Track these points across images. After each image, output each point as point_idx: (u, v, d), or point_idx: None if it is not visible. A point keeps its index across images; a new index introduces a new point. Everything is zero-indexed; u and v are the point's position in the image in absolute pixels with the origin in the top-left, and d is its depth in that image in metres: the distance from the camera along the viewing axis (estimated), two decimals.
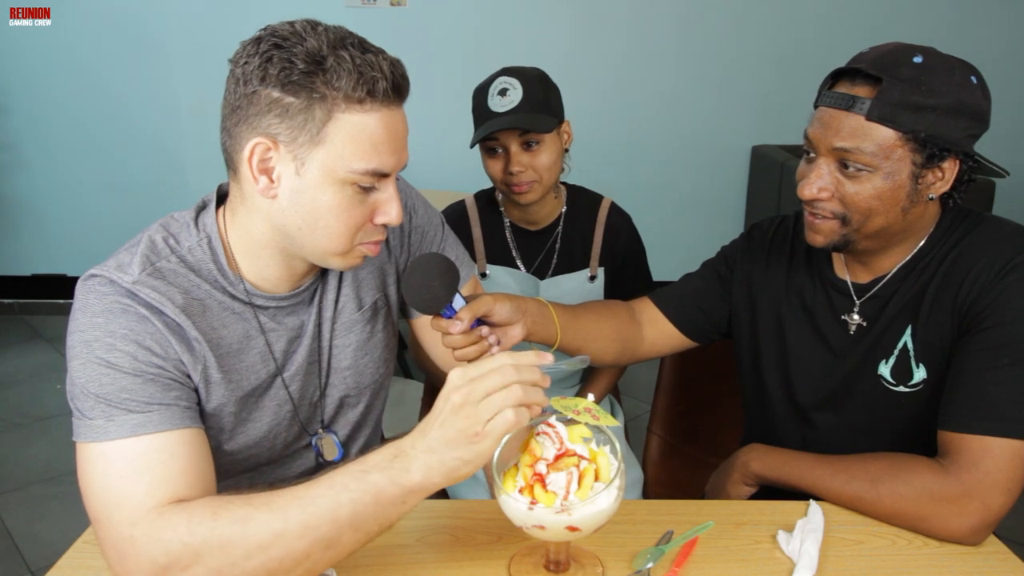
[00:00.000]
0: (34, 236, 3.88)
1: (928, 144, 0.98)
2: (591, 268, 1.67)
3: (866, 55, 1.01)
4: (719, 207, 3.91)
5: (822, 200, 1.03)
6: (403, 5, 3.62)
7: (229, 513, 0.80)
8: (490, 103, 1.50)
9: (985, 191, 3.23)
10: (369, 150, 0.87)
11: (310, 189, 0.88)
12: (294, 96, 0.84)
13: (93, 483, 0.84)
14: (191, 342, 0.92)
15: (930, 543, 1.00)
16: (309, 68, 0.83)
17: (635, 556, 0.95)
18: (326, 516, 0.79)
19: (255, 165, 0.88)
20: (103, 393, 0.85)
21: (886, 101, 0.96)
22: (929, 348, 1.08)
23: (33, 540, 2.22)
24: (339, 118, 0.86)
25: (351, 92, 0.84)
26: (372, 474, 0.80)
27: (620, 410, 1.83)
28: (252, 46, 0.86)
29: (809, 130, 1.04)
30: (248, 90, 0.85)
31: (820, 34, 3.68)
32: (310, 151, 0.87)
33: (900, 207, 1.02)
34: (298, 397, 1.05)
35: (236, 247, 0.97)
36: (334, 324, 1.07)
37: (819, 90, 1.06)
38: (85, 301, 0.89)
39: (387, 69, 0.87)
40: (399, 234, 1.14)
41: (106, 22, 3.57)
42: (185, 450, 0.87)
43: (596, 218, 1.67)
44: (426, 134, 3.83)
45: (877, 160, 0.98)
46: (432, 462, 0.79)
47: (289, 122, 0.85)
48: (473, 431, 0.78)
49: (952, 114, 0.97)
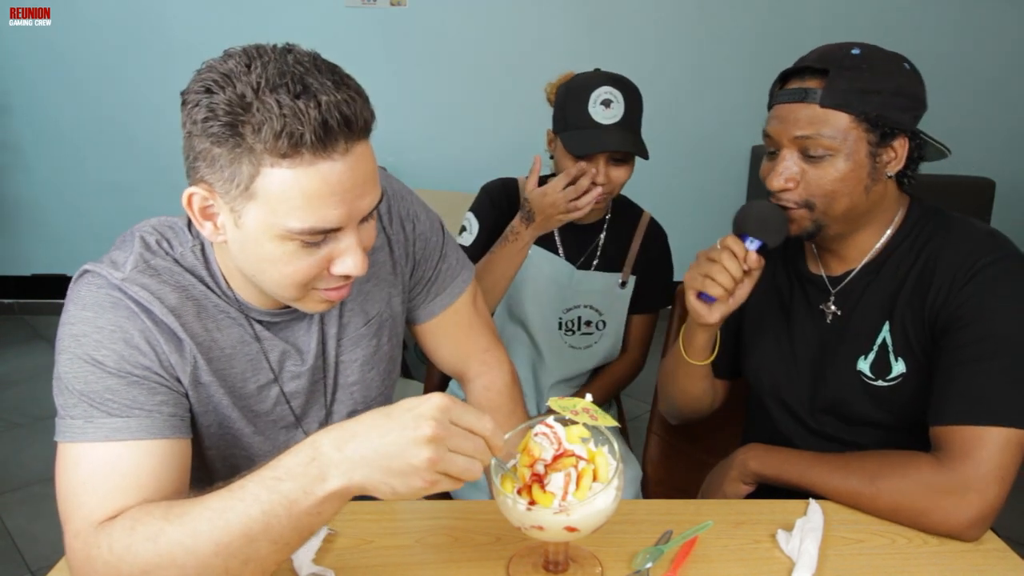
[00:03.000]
0: (34, 236, 3.88)
1: (878, 125, 1.05)
2: (624, 274, 1.69)
3: (808, 56, 1.10)
4: (719, 207, 3.90)
5: (789, 190, 1.10)
6: (403, 5, 3.62)
7: (144, 528, 0.76)
8: (591, 111, 1.47)
9: (985, 191, 3.23)
10: (304, 207, 0.78)
11: (252, 241, 0.82)
12: (220, 147, 0.77)
13: (60, 485, 0.83)
14: (180, 343, 0.89)
15: (930, 541, 1.00)
16: (232, 119, 0.75)
17: (634, 556, 0.95)
18: (236, 531, 0.74)
19: (196, 211, 0.83)
20: (87, 391, 0.83)
21: (835, 89, 1.04)
22: (907, 344, 1.11)
23: (33, 540, 2.22)
24: (267, 173, 0.77)
25: (274, 146, 0.75)
26: (284, 483, 0.74)
27: (615, 407, 1.84)
28: (193, 82, 0.79)
29: (768, 128, 1.11)
30: (185, 132, 0.80)
31: (820, 35, 3.67)
32: (244, 204, 0.79)
33: (863, 186, 1.08)
34: (301, 414, 1.04)
35: (223, 266, 0.94)
36: (340, 340, 1.04)
37: (771, 94, 1.14)
38: (77, 294, 0.88)
39: (315, 116, 0.75)
40: (404, 244, 1.10)
41: (106, 22, 3.57)
42: (153, 462, 0.84)
43: (636, 226, 1.72)
44: (426, 134, 3.83)
45: (836, 143, 1.05)
46: (355, 475, 0.72)
47: (220, 173, 0.78)
48: (427, 473, 0.71)
49: (895, 96, 1.05)
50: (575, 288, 1.67)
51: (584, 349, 1.71)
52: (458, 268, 1.17)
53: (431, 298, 1.15)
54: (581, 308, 1.69)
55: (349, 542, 0.98)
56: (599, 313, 1.70)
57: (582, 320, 1.69)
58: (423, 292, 1.15)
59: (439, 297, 1.16)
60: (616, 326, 1.72)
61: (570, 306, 1.69)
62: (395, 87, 3.68)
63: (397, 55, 3.67)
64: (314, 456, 0.74)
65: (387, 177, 1.10)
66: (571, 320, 1.69)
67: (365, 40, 3.63)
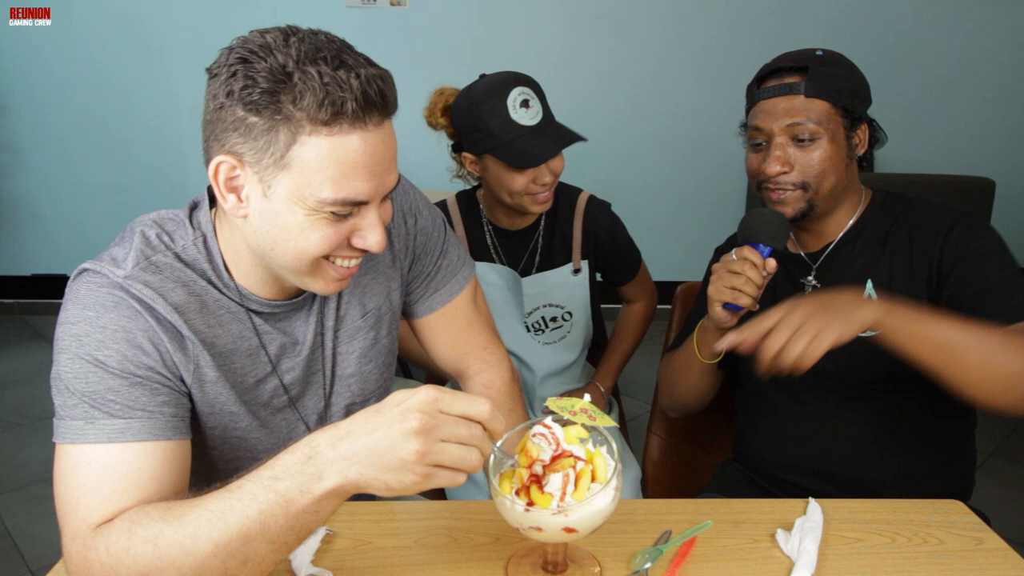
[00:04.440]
0: (34, 236, 3.88)
1: (848, 113, 1.21)
2: (574, 262, 1.67)
3: (780, 59, 1.23)
4: (719, 207, 3.90)
5: (784, 174, 1.20)
6: (403, 5, 3.62)
7: (143, 531, 0.76)
8: (515, 117, 1.44)
9: (985, 191, 3.22)
10: (339, 177, 0.80)
11: (278, 212, 0.82)
12: (257, 116, 0.78)
13: (59, 486, 0.82)
14: (184, 341, 0.89)
15: (929, 540, 1.00)
16: (272, 86, 0.76)
17: (633, 556, 0.95)
18: (234, 531, 0.74)
19: (221, 183, 0.83)
20: (88, 392, 0.83)
21: (817, 82, 1.19)
22: (895, 294, 1.18)
23: (33, 540, 2.22)
24: (304, 141, 0.78)
25: (316, 113, 0.77)
26: (281, 481, 0.74)
27: (616, 406, 1.84)
28: (224, 56, 0.80)
29: (757, 122, 1.22)
30: (215, 104, 0.80)
31: (820, 35, 3.68)
32: (275, 175, 0.80)
33: (844, 164, 1.22)
34: (300, 406, 1.04)
35: (226, 253, 0.94)
36: (337, 332, 1.04)
37: (749, 94, 1.26)
38: (77, 293, 0.86)
39: (357, 86, 0.77)
40: (404, 237, 1.11)
41: (106, 22, 3.58)
42: (154, 464, 0.83)
43: (574, 213, 1.67)
44: (426, 134, 3.81)
45: (821, 128, 1.18)
46: (350, 473, 0.73)
47: (253, 143, 0.79)
48: (417, 467, 0.71)
49: (857, 88, 1.22)
50: (528, 292, 1.66)
51: (559, 342, 1.71)
52: (459, 265, 1.17)
53: (430, 293, 1.16)
54: (541, 308, 1.68)
55: (347, 543, 0.98)
56: (560, 307, 1.68)
57: (546, 318, 1.69)
58: (422, 286, 1.15)
59: (439, 292, 1.16)
60: (582, 312, 1.71)
61: (529, 310, 1.67)
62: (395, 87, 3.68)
63: (397, 55, 3.67)
64: (310, 455, 0.74)
65: None
66: (536, 322, 1.69)
67: (365, 40, 3.60)
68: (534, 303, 1.67)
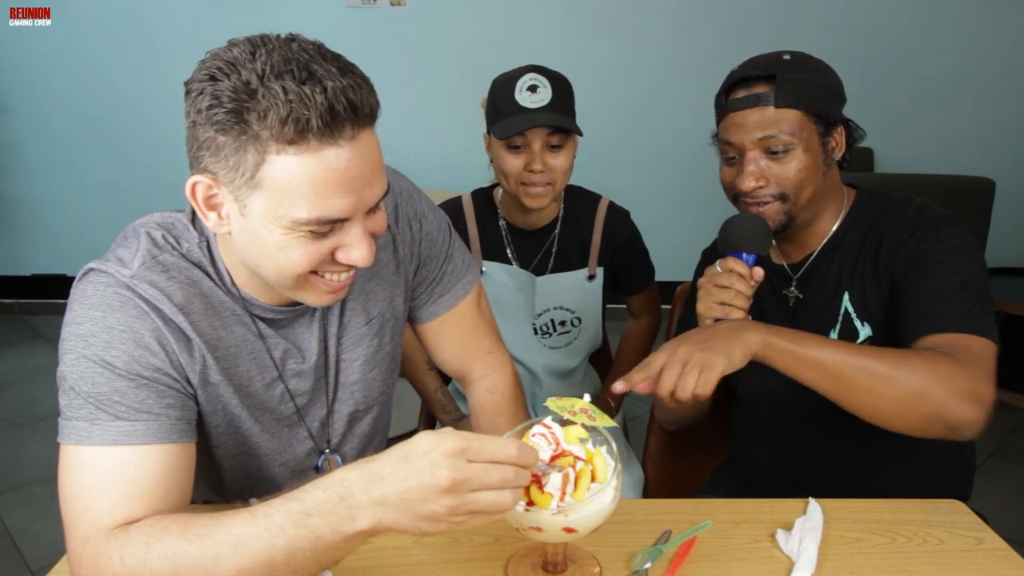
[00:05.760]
0: (34, 236, 3.88)
1: (822, 118, 1.15)
2: (590, 268, 1.67)
3: (746, 67, 1.18)
4: (719, 207, 3.89)
5: (761, 188, 1.16)
6: (403, 5, 3.62)
7: (161, 545, 0.76)
8: (518, 98, 1.47)
9: (985, 191, 3.22)
10: (312, 196, 0.77)
11: (257, 231, 0.81)
12: (224, 135, 0.76)
13: (64, 488, 0.82)
14: (190, 342, 0.89)
15: (929, 540, 1.00)
16: (237, 106, 0.74)
17: (633, 556, 0.95)
18: (259, 559, 0.73)
19: (201, 202, 0.82)
20: (94, 393, 0.82)
21: (786, 90, 1.13)
22: (866, 308, 1.17)
23: (33, 540, 2.22)
24: (272, 160, 0.75)
25: (280, 132, 0.74)
26: (313, 518, 0.73)
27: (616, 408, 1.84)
28: (196, 71, 0.78)
29: (728, 136, 1.18)
30: (189, 122, 0.79)
31: (820, 35, 3.68)
32: (248, 194, 0.78)
33: (821, 172, 1.17)
34: (304, 412, 1.03)
35: (227, 260, 0.93)
36: (340, 338, 1.04)
37: (717, 106, 1.22)
38: (83, 293, 0.86)
39: (322, 100, 0.74)
40: (409, 243, 1.09)
41: (106, 22, 3.58)
42: (160, 468, 0.83)
43: (594, 219, 1.67)
44: (426, 134, 3.83)
45: (794, 138, 1.14)
46: (385, 518, 0.72)
47: (224, 162, 0.77)
48: (449, 518, 0.71)
49: (829, 90, 1.17)
50: (540, 293, 1.65)
51: (565, 347, 1.71)
52: (464, 269, 1.17)
53: (435, 298, 1.15)
54: (552, 311, 1.67)
55: None
56: (571, 312, 1.68)
57: (556, 321, 1.68)
58: (427, 292, 1.14)
59: (443, 298, 1.15)
60: (592, 320, 1.71)
61: (540, 311, 1.67)
62: (395, 87, 3.68)
63: (397, 55, 3.67)
64: (343, 495, 0.73)
65: (396, 175, 1.09)
66: (544, 324, 1.68)
67: (365, 40, 3.63)
68: (545, 304, 1.67)
